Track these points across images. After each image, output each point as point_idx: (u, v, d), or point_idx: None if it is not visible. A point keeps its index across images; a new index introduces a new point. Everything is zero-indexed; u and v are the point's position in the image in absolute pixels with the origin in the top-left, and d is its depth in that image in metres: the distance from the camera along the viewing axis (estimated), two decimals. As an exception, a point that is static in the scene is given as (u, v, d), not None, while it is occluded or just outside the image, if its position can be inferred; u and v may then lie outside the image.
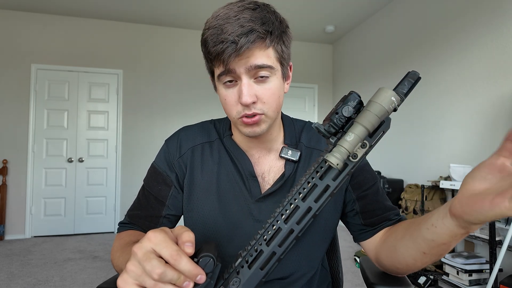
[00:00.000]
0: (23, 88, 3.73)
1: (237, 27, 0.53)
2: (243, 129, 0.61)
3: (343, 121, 0.40)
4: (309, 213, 0.41)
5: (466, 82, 2.53)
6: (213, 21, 0.56)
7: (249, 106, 0.58)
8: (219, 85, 0.61)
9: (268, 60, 0.57)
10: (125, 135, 4.04)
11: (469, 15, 2.53)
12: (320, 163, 0.42)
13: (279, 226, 0.42)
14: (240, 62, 0.55)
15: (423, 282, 2.31)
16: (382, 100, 0.39)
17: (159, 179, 0.70)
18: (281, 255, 0.42)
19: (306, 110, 4.72)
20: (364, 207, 0.67)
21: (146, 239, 0.37)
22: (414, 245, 0.52)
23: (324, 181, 0.41)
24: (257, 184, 0.66)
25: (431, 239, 0.47)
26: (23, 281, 2.42)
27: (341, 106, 0.40)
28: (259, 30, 0.54)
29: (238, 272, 0.42)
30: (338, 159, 0.37)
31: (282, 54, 0.59)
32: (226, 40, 0.53)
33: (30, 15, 3.78)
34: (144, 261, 0.36)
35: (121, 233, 0.70)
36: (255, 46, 0.55)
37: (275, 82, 0.59)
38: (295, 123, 0.75)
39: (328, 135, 0.41)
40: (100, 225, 3.96)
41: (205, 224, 0.67)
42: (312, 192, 0.42)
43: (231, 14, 0.54)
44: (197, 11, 3.76)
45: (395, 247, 0.58)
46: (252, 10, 0.55)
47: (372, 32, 3.86)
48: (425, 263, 0.54)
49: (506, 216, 0.33)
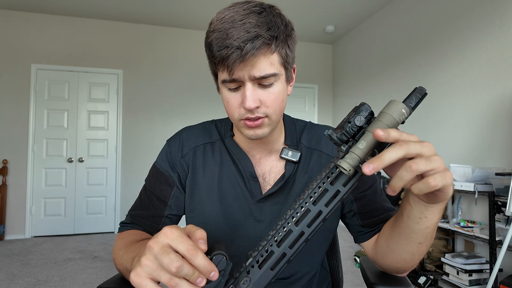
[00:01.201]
0: (23, 88, 3.73)
1: (243, 33, 0.52)
2: (245, 131, 0.61)
3: (355, 130, 0.42)
4: (320, 217, 0.43)
5: (466, 82, 2.53)
6: (218, 24, 0.55)
7: (252, 111, 0.57)
8: (222, 88, 0.60)
9: (271, 68, 0.56)
10: (125, 135, 4.04)
11: (469, 15, 2.53)
12: (332, 169, 0.43)
13: (290, 228, 0.43)
14: (245, 68, 0.54)
15: (423, 282, 2.31)
16: (393, 111, 0.41)
17: (161, 179, 0.70)
18: (291, 257, 0.43)
19: (306, 110, 4.73)
20: (362, 208, 0.67)
21: (162, 234, 0.38)
22: (408, 240, 0.54)
23: (335, 186, 0.43)
24: (258, 185, 0.67)
25: (425, 227, 0.50)
26: (23, 281, 2.42)
27: (353, 116, 0.42)
28: (264, 35, 0.53)
29: (249, 272, 0.43)
30: (350, 165, 0.39)
31: (287, 58, 0.59)
32: (231, 46, 0.52)
33: (30, 15, 3.78)
34: (162, 254, 0.36)
35: (123, 233, 0.70)
36: (260, 52, 0.54)
37: (279, 87, 0.59)
38: (296, 123, 0.74)
39: (340, 143, 0.43)
40: (100, 225, 3.96)
41: (206, 224, 0.67)
42: (323, 197, 0.43)
43: (237, 18, 0.54)
44: (198, 11, 3.76)
45: (389, 247, 0.59)
46: (258, 14, 0.54)
47: (372, 32, 3.86)
48: (422, 253, 0.56)
49: (414, 172, 0.37)
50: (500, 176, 1.97)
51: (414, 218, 0.49)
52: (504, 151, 2.19)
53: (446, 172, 0.39)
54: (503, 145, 2.20)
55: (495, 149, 2.27)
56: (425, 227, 0.50)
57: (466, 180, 2.16)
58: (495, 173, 2.01)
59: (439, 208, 0.47)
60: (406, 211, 0.50)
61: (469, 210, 2.41)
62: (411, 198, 0.48)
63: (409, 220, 0.50)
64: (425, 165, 0.37)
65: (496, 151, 2.25)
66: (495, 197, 2.01)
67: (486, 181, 2.11)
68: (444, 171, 0.39)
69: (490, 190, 2.04)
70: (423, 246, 0.54)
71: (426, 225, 0.49)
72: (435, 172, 0.38)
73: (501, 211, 2.02)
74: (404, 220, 0.51)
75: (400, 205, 0.53)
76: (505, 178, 1.94)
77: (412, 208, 0.49)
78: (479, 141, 2.40)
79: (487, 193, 2.04)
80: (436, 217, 0.49)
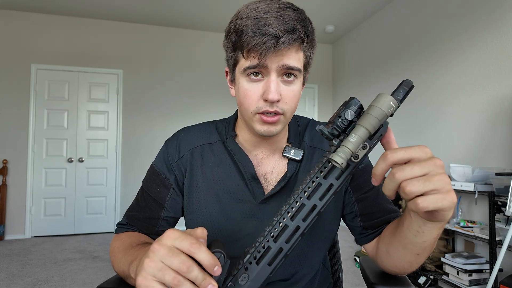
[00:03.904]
0: (23, 88, 3.73)
1: (281, 22, 0.52)
2: (258, 127, 0.60)
3: (345, 124, 0.43)
4: (314, 211, 0.44)
5: (466, 82, 2.53)
6: (251, 12, 0.54)
7: (272, 104, 0.57)
8: (241, 77, 0.59)
9: (298, 63, 0.57)
10: (125, 135, 4.04)
11: (469, 15, 2.53)
12: (324, 163, 0.44)
13: (286, 223, 0.44)
14: (276, 58, 0.54)
15: (423, 282, 2.31)
16: (381, 104, 0.41)
17: (157, 181, 0.70)
18: (288, 251, 0.44)
19: (306, 110, 4.73)
20: (364, 210, 0.67)
21: (165, 237, 0.39)
22: (406, 250, 0.54)
23: (328, 180, 0.44)
24: (260, 186, 0.66)
25: (422, 241, 0.49)
26: (23, 281, 2.42)
27: (343, 110, 0.43)
28: (300, 30, 0.54)
29: (247, 269, 0.43)
30: (343, 159, 0.40)
31: (309, 60, 0.60)
32: (268, 33, 0.52)
33: (30, 15, 3.78)
34: (171, 256, 0.37)
35: (120, 234, 0.69)
36: (293, 46, 0.54)
37: (298, 85, 0.59)
38: (299, 121, 0.74)
39: (331, 137, 0.43)
40: (100, 225, 3.96)
41: (205, 226, 0.66)
42: (317, 191, 0.44)
43: (274, 9, 0.54)
44: (198, 11, 3.76)
45: (388, 252, 0.59)
46: (294, 10, 0.55)
47: (372, 32, 3.86)
48: (420, 262, 0.56)
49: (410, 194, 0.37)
50: (500, 176, 1.97)
51: (412, 230, 0.49)
52: (504, 151, 2.19)
53: (447, 195, 0.37)
54: (503, 145, 2.20)
55: (495, 149, 2.27)
56: (422, 241, 0.49)
57: (466, 180, 2.16)
58: (495, 173, 2.01)
59: (437, 226, 0.46)
60: (406, 222, 0.50)
61: (469, 210, 2.41)
62: (411, 210, 0.47)
63: (408, 232, 0.50)
64: (418, 187, 0.36)
65: (496, 151, 2.25)
66: (495, 197, 2.01)
67: (486, 181, 2.11)
68: (445, 193, 0.37)
69: (490, 190, 2.04)
70: (421, 257, 0.54)
71: (424, 240, 0.49)
72: (434, 193, 0.37)
73: (501, 211, 2.02)
74: (404, 230, 0.51)
75: (403, 214, 0.53)
76: (505, 178, 1.94)
77: (412, 220, 0.48)
78: (479, 141, 2.40)
79: (487, 193, 2.04)
80: (434, 234, 0.48)
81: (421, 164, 0.37)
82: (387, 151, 0.40)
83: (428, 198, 0.37)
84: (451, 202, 0.38)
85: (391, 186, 0.38)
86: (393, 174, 0.38)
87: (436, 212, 0.40)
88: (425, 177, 0.37)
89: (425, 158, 0.38)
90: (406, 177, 0.37)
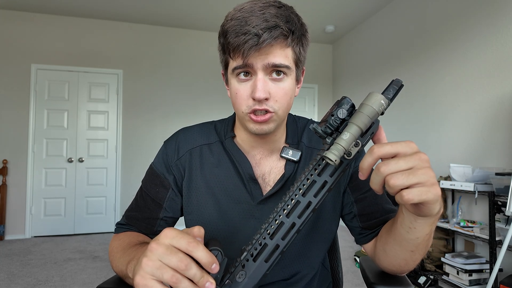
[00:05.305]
0: (23, 88, 3.73)
1: (262, 21, 0.53)
2: (251, 125, 0.60)
3: (338, 122, 0.44)
4: (309, 207, 0.45)
5: (466, 82, 2.53)
6: (236, 13, 0.55)
7: (261, 102, 0.57)
8: (232, 79, 0.60)
9: (285, 60, 0.57)
10: (125, 135, 4.04)
11: (469, 15, 2.53)
12: (318, 161, 0.45)
13: (282, 221, 0.45)
14: (259, 57, 0.55)
15: (423, 282, 2.31)
16: (373, 102, 0.43)
17: (156, 181, 0.70)
18: (284, 248, 0.44)
19: (306, 110, 4.73)
20: (363, 210, 0.67)
21: (163, 236, 0.39)
22: (401, 247, 0.54)
23: (322, 177, 0.45)
24: (258, 186, 0.66)
25: (415, 237, 0.50)
26: (23, 281, 2.42)
27: (336, 109, 0.44)
28: (283, 27, 0.54)
29: (244, 266, 0.44)
30: (336, 156, 0.41)
31: (299, 56, 0.59)
32: (248, 32, 0.52)
33: (30, 15, 3.78)
34: (169, 255, 0.37)
35: (119, 235, 0.69)
36: (277, 43, 0.54)
37: (289, 83, 0.59)
38: (297, 121, 0.74)
39: (325, 136, 0.45)
40: (100, 225, 3.96)
41: (204, 226, 0.66)
42: (311, 188, 0.45)
43: (256, 8, 0.54)
44: (198, 11, 3.76)
45: (384, 250, 0.60)
46: (278, 8, 0.56)
47: (372, 32, 3.86)
48: (416, 259, 0.56)
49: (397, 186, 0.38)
50: (500, 176, 1.97)
51: (405, 227, 0.50)
52: (504, 151, 2.19)
53: (431, 187, 0.38)
54: (503, 145, 2.20)
55: (495, 149, 2.27)
56: (415, 237, 0.50)
57: (466, 180, 2.16)
58: (495, 173, 2.01)
59: (428, 221, 0.47)
60: (399, 218, 0.51)
61: (469, 210, 2.41)
62: (402, 206, 0.49)
63: (401, 228, 0.51)
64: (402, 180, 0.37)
65: (496, 151, 2.25)
66: (495, 197, 2.01)
67: (486, 181, 2.11)
68: (429, 186, 0.38)
69: (490, 190, 2.04)
70: (416, 254, 0.55)
71: (416, 236, 0.49)
72: (419, 186, 0.38)
73: (501, 211, 2.02)
74: (398, 227, 0.52)
75: (397, 211, 0.54)
76: (505, 178, 1.94)
77: (404, 216, 0.49)
78: (479, 141, 2.40)
79: (487, 193, 2.04)
80: (426, 230, 0.48)
81: (406, 158, 0.38)
82: (374, 146, 0.41)
83: (412, 190, 0.38)
84: (435, 194, 0.39)
85: (377, 180, 0.39)
86: (378, 168, 0.39)
87: (422, 205, 0.41)
88: (409, 170, 0.38)
89: (410, 152, 0.39)
90: (391, 170, 0.38)
